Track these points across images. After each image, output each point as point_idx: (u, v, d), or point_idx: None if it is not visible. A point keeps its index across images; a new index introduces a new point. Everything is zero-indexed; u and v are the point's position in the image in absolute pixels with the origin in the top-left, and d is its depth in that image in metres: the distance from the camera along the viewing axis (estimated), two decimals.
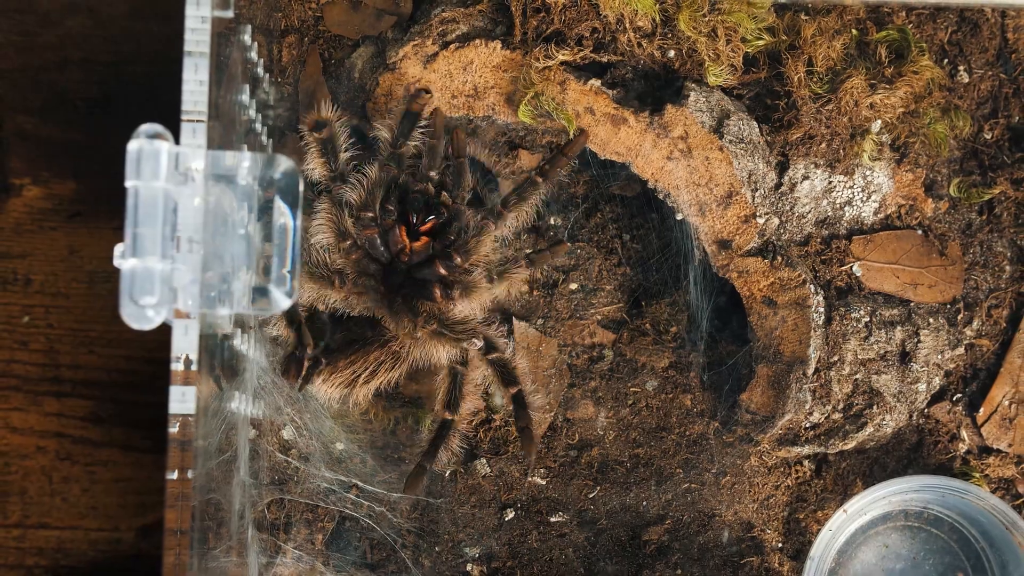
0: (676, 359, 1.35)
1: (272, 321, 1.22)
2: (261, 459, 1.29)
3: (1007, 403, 1.34)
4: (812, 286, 1.28)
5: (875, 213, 1.33)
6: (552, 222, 1.37)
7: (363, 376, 1.23)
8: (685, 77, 1.28)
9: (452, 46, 1.27)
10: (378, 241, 1.21)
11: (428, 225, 1.21)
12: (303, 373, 1.20)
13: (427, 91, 1.22)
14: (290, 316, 1.19)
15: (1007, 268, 1.35)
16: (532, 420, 1.23)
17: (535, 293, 1.36)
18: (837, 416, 1.30)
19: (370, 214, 1.20)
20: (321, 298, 1.22)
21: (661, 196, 1.29)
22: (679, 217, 1.30)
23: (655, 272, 1.37)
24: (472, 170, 1.25)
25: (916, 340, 1.31)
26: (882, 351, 1.30)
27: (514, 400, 1.22)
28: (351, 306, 1.23)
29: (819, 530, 1.29)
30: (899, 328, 1.31)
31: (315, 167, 1.22)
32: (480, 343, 1.20)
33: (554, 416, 1.34)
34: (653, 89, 1.30)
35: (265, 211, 0.98)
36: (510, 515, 1.32)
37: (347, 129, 1.23)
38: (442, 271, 1.20)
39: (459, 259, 1.20)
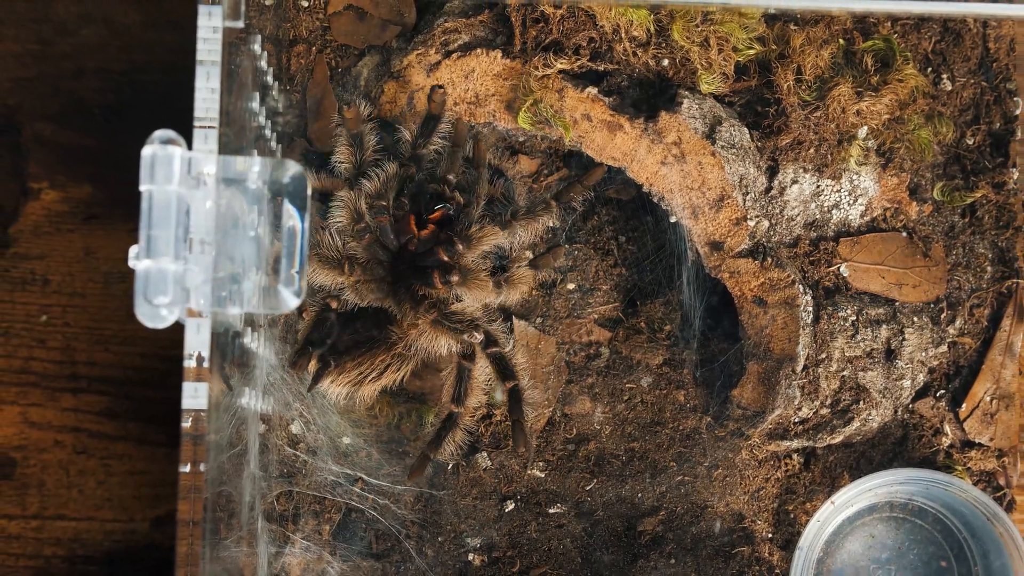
0: (670, 356, 1.35)
1: (304, 315, 1.23)
2: (270, 453, 1.29)
3: (988, 399, 1.34)
4: (801, 286, 1.28)
5: (861, 216, 1.33)
6: (551, 224, 1.37)
7: (370, 376, 1.23)
8: (678, 85, 1.28)
9: (454, 55, 1.27)
10: (389, 228, 1.22)
11: (436, 214, 1.22)
12: (313, 375, 1.20)
13: (440, 87, 1.22)
14: (319, 319, 1.20)
15: (988, 269, 1.35)
16: (524, 415, 1.23)
17: (534, 293, 1.36)
18: (825, 411, 1.30)
19: (383, 203, 1.21)
20: (332, 285, 1.22)
21: (655, 199, 1.29)
22: (673, 220, 1.30)
23: (650, 273, 1.37)
24: (492, 181, 1.26)
25: (901, 338, 1.31)
26: (868, 349, 1.30)
27: (510, 394, 1.22)
28: (360, 295, 1.23)
29: (808, 521, 1.29)
30: (885, 326, 1.31)
31: (342, 159, 1.24)
32: (480, 336, 1.21)
33: (552, 411, 1.34)
34: (648, 96, 1.30)
35: (274, 214, 0.98)
36: (510, 506, 1.32)
37: (376, 134, 1.24)
38: (443, 256, 1.21)
39: (460, 246, 1.20)
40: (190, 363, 0.95)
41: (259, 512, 1.25)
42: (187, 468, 0.97)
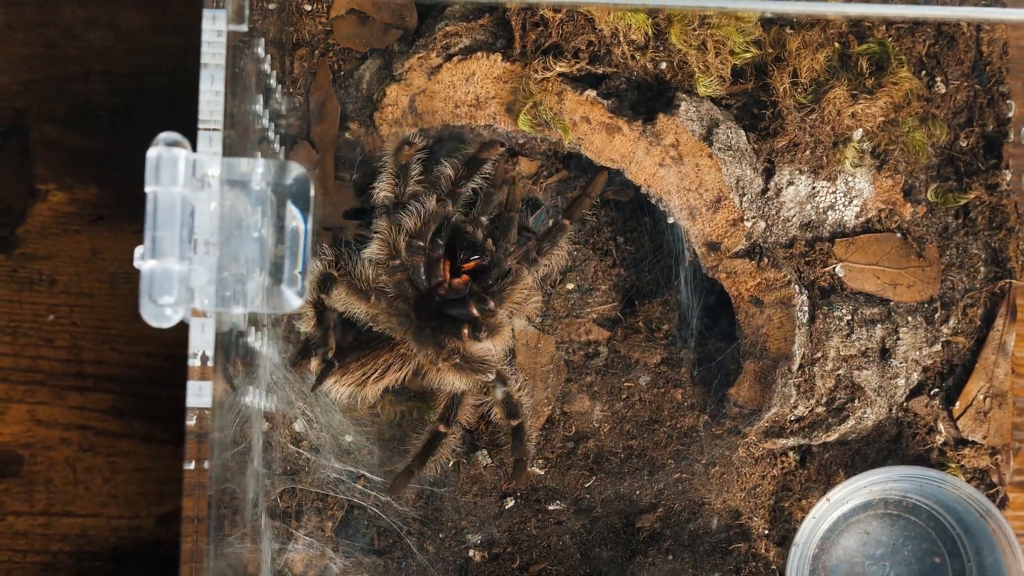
0: (668, 355, 1.35)
1: (301, 316, 1.22)
2: (274, 450, 1.29)
3: (982, 397, 1.34)
4: (797, 286, 1.28)
5: (856, 217, 1.33)
6: (569, 246, 1.37)
7: (373, 376, 1.23)
8: (676, 88, 1.28)
9: (455, 58, 1.27)
10: (422, 269, 1.21)
11: (471, 264, 1.22)
12: (317, 375, 1.20)
13: (501, 143, 1.23)
14: (320, 316, 1.20)
15: (982, 269, 1.35)
16: (528, 454, 1.25)
17: (539, 306, 1.36)
18: (820, 409, 1.30)
19: (421, 243, 1.20)
20: (349, 309, 1.22)
21: (653, 201, 1.29)
22: (671, 221, 1.30)
23: (648, 273, 1.37)
24: (523, 210, 1.27)
25: (895, 337, 1.31)
26: (863, 348, 1.30)
27: (514, 432, 1.24)
28: (375, 322, 1.22)
29: (803, 518, 1.29)
30: (879, 326, 1.31)
31: (384, 188, 1.23)
32: (492, 376, 1.21)
33: (552, 409, 1.34)
34: (646, 99, 1.30)
35: (278, 215, 0.98)
36: (510, 503, 1.32)
37: (420, 165, 1.24)
38: (475, 312, 1.20)
39: (492, 304, 1.20)
40: (194, 362, 0.95)
41: (262, 509, 1.25)
42: (192, 465, 0.97)
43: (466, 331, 1.20)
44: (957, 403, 1.34)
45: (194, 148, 0.92)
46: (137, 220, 1.41)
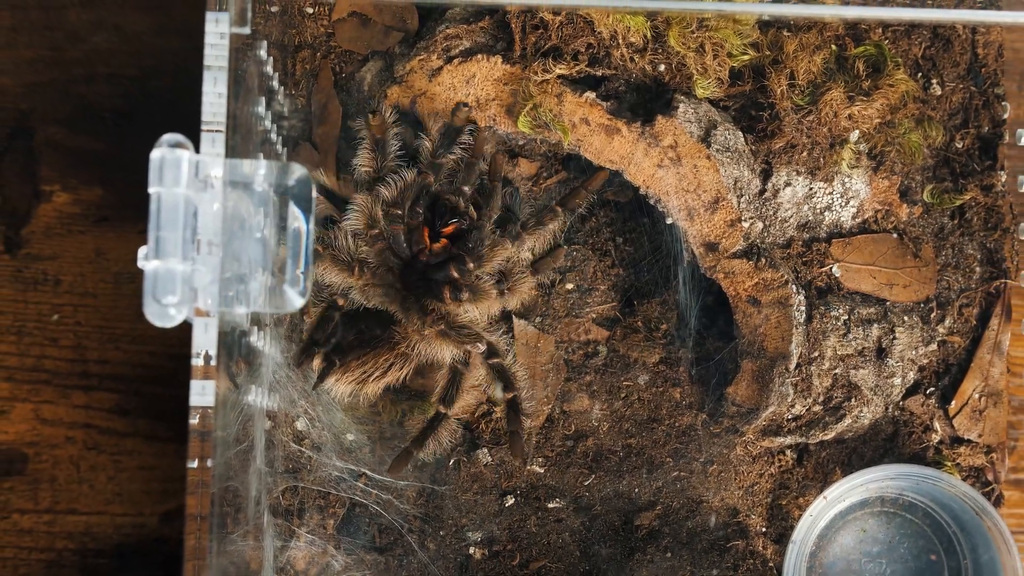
0: (666, 355, 1.35)
1: (305, 316, 1.23)
2: (276, 449, 1.29)
3: (977, 396, 1.34)
4: (794, 286, 1.29)
5: (853, 218, 1.33)
6: (557, 230, 1.37)
7: (373, 375, 1.24)
8: (674, 90, 1.28)
9: (456, 60, 1.27)
10: (402, 237, 1.22)
11: (450, 228, 1.22)
12: (319, 373, 1.21)
13: (466, 104, 1.23)
14: (324, 317, 1.20)
15: (977, 269, 1.35)
16: (523, 425, 1.24)
17: (533, 292, 1.36)
18: (817, 408, 1.30)
19: (399, 211, 1.20)
20: (342, 285, 1.22)
21: (652, 202, 1.29)
22: (669, 221, 1.30)
23: (646, 273, 1.37)
24: (503, 192, 1.26)
25: (892, 337, 1.31)
26: (860, 347, 1.30)
27: (509, 404, 1.23)
28: (367, 297, 1.23)
29: (800, 515, 1.29)
30: (876, 326, 1.31)
31: (363, 162, 1.24)
32: (483, 347, 1.21)
33: (552, 408, 1.34)
34: (644, 101, 1.30)
35: (280, 216, 0.98)
36: (510, 501, 1.32)
37: (399, 139, 1.24)
38: (454, 274, 1.21)
39: (471, 264, 1.21)
40: (198, 361, 0.95)
41: (265, 507, 1.25)
42: (195, 464, 0.97)
43: (447, 293, 1.20)
44: (953, 402, 1.34)
45: (197, 149, 0.92)
46: (141, 221, 1.41)
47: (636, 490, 1.33)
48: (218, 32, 0.96)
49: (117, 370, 1.40)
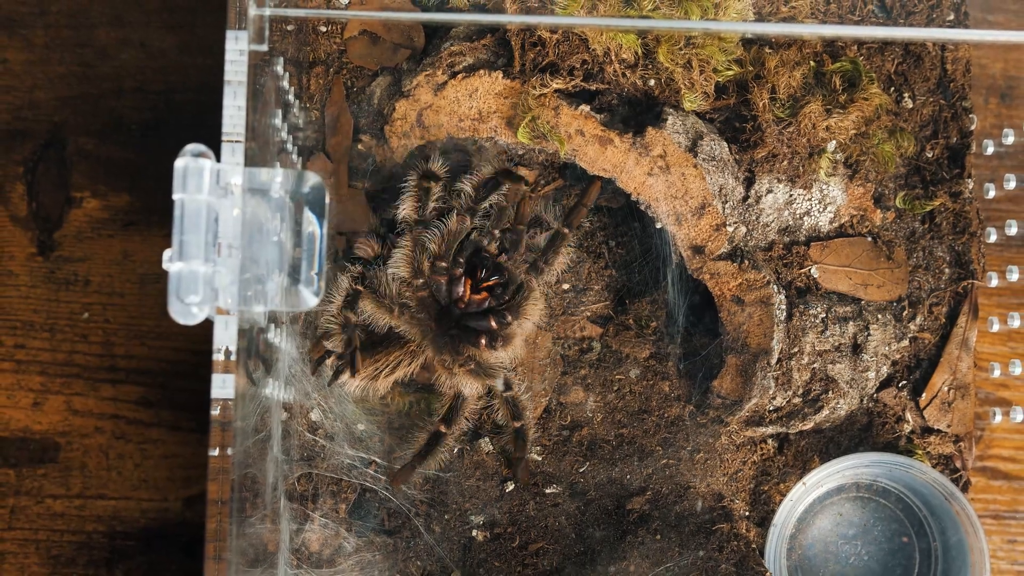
0: (656, 350, 1.35)
1: (330, 336, 1.22)
2: (292, 438, 1.29)
3: (946, 389, 1.34)
4: (775, 286, 1.29)
5: (830, 222, 1.34)
6: (571, 253, 1.37)
7: (384, 372, 1.24)
8: (664, 103, 1.29)
9: (459, 76, 1.28)
10: (444, 287, 1.22)
11: (491, 283, 1.22)
12: (333, 371, 1.21)
13: (526, 182, 1.24)
14: (346, 328, 1.20)
15: (946, 271, 1.35)
16: (528, 453, 1.26)
17: (543, 313, 1.36)
18: (797, 400, 1.31)
19: (444, 264, 1.20)
20: (373, 318, 1.22)
21: (643, 207, 1.30)
22: (659, 226, 1.30)
23: (638, 274, 1.37)
24: (530, 229, 1.27)
25: (866, 334, 1.31)
26: (836, 343, 1.30)
27: (516, 433, 1.25)
28: (396, 327, 1.23)
29: (781, 500, 1.29)
30: (851, 323, 1.31)
31: (407, 208, 1.23)
32: (500, 381, 1.22)
33: (549, 400, 1.34)
34: (636, 113, 1.30)
35: (296, 221, 0.98)
36: (510, 487, 1.32)
37: (442, 186, 1.24)
38: (494, 325, 1.21)
39: (510, 317, 1.21)
40: (219, 356, 0.95)
41: (281, 492, 1.25)
42: (216, 452, 0.98)
43: (484, 341, 1.21)
44: (923, 394, 1.34)
45: (218, 159, 0.92)
46: (165, 225, 1.41)
47: (628, 476, 1.33)
48: (238, 49, 0.97)
49: (143, 364, 1.40)
